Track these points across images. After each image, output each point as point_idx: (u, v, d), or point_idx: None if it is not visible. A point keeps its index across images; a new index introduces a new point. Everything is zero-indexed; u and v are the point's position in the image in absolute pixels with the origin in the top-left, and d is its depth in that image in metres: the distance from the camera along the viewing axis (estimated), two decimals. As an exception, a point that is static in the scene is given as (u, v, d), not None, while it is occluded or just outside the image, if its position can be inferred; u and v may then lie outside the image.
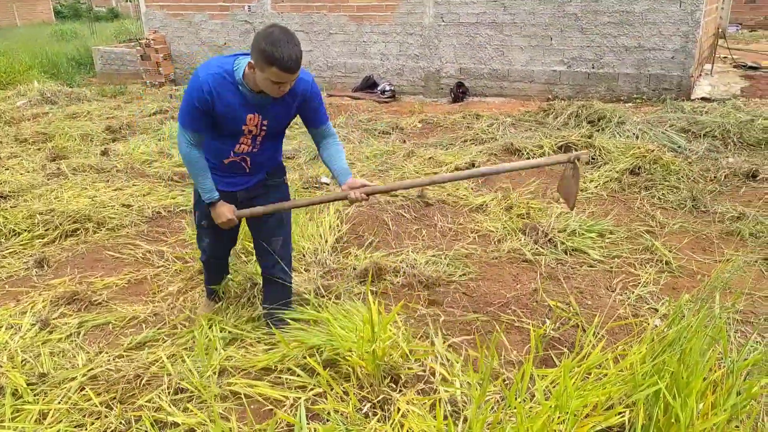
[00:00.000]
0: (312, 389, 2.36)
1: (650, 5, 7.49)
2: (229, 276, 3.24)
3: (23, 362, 2.73)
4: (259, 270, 2.96)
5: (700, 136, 5.71)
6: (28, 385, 2.54)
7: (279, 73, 2.14)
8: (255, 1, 10.32)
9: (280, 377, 2.49)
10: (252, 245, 3.07)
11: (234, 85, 2.33)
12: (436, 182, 2.88)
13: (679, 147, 5.48)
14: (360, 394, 2.32)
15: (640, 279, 3.36)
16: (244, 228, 3.06)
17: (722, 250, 3.70)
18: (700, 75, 8.74)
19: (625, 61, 7.86)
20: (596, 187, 4.85)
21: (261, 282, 3.01)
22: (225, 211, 2.59)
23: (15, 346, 2.86)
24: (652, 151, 5.13)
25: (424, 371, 2.45)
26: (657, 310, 2.98)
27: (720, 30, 10.03)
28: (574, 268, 3.54)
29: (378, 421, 2.14)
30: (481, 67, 8.81)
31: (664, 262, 3.55)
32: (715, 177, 4.84)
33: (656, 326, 2.46)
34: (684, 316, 2.06)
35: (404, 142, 6.55)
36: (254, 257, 3.21)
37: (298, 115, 2.56)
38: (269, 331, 2.84)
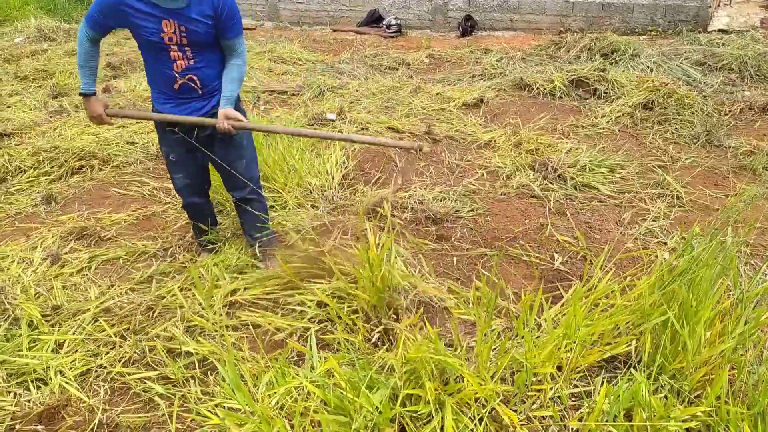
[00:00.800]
0: (321, 321, 2.39)
1: (670, -70, 7.11)
2: (217, 227, 3.21)
3: (37, 295, 2.77)
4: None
5: (716, 69, 5.54)
6: (42, 316, 2.59)
7: None
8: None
9: (290, 308, 2.52)
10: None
11: None
12: (308, 135, 2.91)
13: (694, 80, 5.33)
14: (366, 326, 2.35)
15: (650, 213, 3.33)
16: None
17: (734, 184, 3.65)
18: (719, 6, 8.40)
19: (641, -8, 7.55)
20: (608, 122, 4.75)
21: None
22: (96, 107, 2.64)
23: (28, 279, 2.89)
24: (666, 84, 5.00)
25: (430, 302, 2.47)
26: (666, 244, 2.97)
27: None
28: (584, 203, 3.51)
29: (386, 350, 2.18)
30: (491, -1, 8.49)
31: (675, 196, 3.52)
32: (730, 111, 4.72)
33: (665, 259, 2.45)
34: (694, 248, 2.05)
35: (411, 77, 6.40)
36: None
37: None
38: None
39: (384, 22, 9.08)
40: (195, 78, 2.55)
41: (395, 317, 2.38)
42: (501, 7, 8.47)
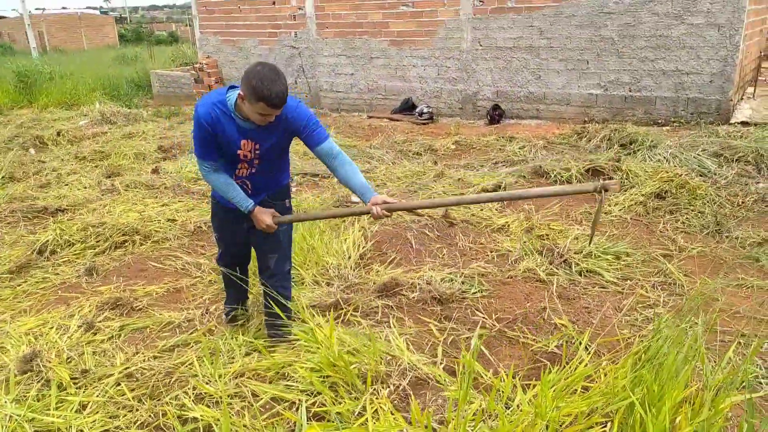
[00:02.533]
0: (315, 394, 2.55)
1: (688, 30, 7.48)
2: (244, 308, 3.46)
3: (68, 359, 3.04)
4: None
5: (732, 160, 5.67)
6: (71, 379, 2.85)
7: (266, 107, 2.40)
8: (302, 28, 10.81)
9: (290, 384, 2.69)
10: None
11: (227, 114, 2.59)
12: (460, 203, 2.94)
13: (708, 171, 5.46)
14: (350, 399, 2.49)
15: (650, 301, 3.43)
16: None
17: (737, 275, 3.71)
18: (742, 98, 8.60)
19: (662, 85, 7.85)
20: (620, 210, 4.90)
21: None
22: (263, 216, 2.81)
23: (63, 345, 3.18)
24: (680, 175, 5.15)
25: (422, 378, 2.61)
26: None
27: (764, 53, 9.83)
28: (586, 288, 3.63)
29: (365, 420, 2.32)
30: (518, 90, 8.94)
31: (677, 285, 3.60)
32: (743, 202, 4.82)
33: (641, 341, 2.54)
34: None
35: (435, 163, 6.75)
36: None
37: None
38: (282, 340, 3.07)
39: (417, 110, 9.62)
40: (248, 183, 2.85)
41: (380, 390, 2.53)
42: (528, 98, 8.89)
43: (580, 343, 2.71)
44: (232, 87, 2.66)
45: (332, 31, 10.49)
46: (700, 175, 5.38)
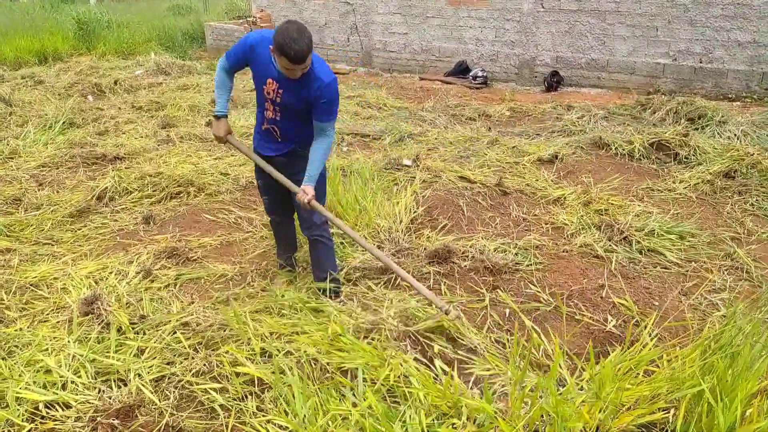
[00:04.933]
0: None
1: (771, -3, 6.96)
2: (294, 254, 3.55)
3: (128, 304, 3.13)
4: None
5: (811, 141, 5.31)
6: (130, 323, 2.93)
7: (287, 62, 2.57)
8: (356, -17, 10.57)
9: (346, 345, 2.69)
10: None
11: (268, 51, 2.75)
12: (363, 246, 3.08)
13: (783, 152, 5.13)
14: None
15: (715, 285, 3.28)
16: None
17: (813, 264, 3.51)
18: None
19: (736, 57, 7.38)
20: (685, 188, 4.68)
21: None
22: (221, 126, 3.04)
23: (122, 290, 3.27)
24: (752, 154, 4.86)
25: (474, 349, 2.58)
26: (725, 317, 2.91)
27: None
28: (647, 268, 3.50)
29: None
30: (579, 56, 8.57)
31: (744, 270, 3.43)
32: (820, 187, 4.52)
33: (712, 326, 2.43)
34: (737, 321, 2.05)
35: (489, 129, 6.57)
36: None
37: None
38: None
39: (471, 74, 9.36)
40: (277, 129, 2.96)
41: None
42: (589, 65, 8.52)
43: (643, 326, 2.62)
44: None
45: (388, -12, 10.22)
46: (775, 156, 5.06)
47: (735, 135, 5.52)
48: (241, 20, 13.41)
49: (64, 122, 6.74)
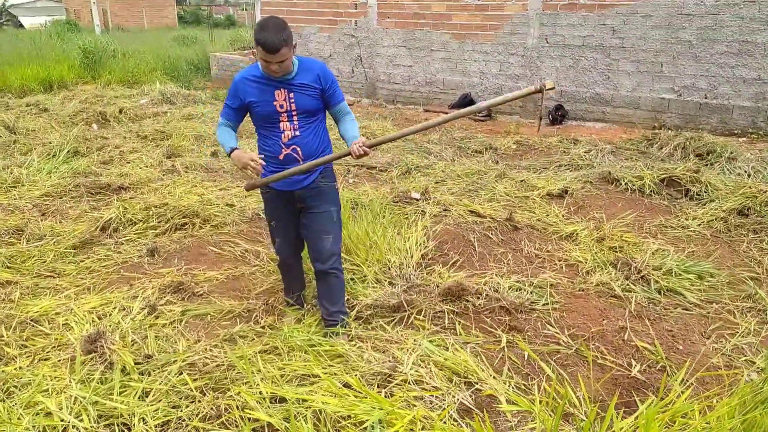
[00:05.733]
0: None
1: (775, 35, 7.01)
2: (303, 293, 3.47)
3: (132, 342, 3.02)
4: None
5: (823, 179, 5.27)
6: (135, 363, 2.81)
7: (264, 52, 2.61)
8: (362, 17, 10.68)
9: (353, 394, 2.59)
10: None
11: (257, 76, 2.82)
12: (425, 127, 3.02)
13: (796, 189, 5.08)
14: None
15: (738, 328, 3.18)
16: None
17: (837, 306, 3.41)
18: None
19: (741, 93, 7.40)
20: (699, 225, 4.61)
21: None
22: (243, 156, 2.87)
23: (126, 327, 3.16)
24: (765, 192, 4.81)
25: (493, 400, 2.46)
26: (754, 363, 2.81)
27: None
28: (667, 309, 3.40)
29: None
30: (584, 91, 8.60)
31: (767, 312, 3.34)
32: (835, 226, 4.46)
33: (750, 380, 2.33)
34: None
35: (497, 162, 6.54)
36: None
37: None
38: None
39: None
40: (298, 149, 2.89)
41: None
42: (593, 99, 8.55)
43: (674, 374, 2.51)
44: None
45: (393, 21, 10.33)
46: (788, 194, 5.01)
47: (746, 171, 5.49)
48: (246, 51, 13.53)
49: (68, 151, 6.69)
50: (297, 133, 2.86)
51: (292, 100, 2.82)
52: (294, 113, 2.84)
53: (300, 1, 11.62)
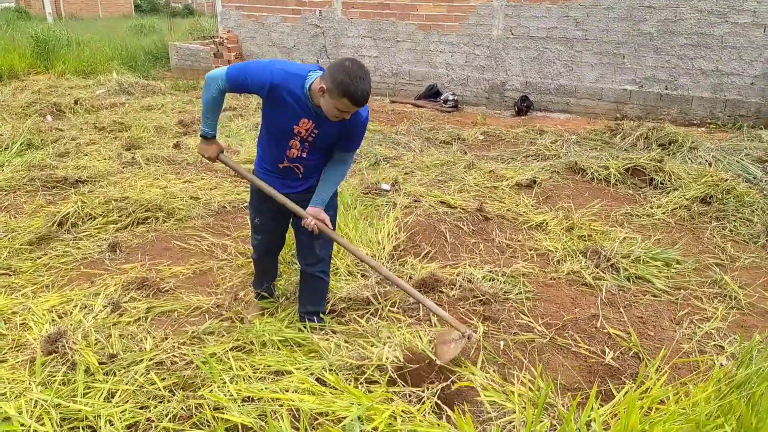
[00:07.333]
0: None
1: (731, 29, 7.21)
2: (274, 282, 3.38)
3: (96, 342, 2.88)
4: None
5: (779, 167, 5.45)
6: (99, 364, 2.69)
7: (349, 104, 2.33)
8: (326, 7, 10.53)
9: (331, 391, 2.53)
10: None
11: (300, 95, 2.49)
12: (374, 268, 2.93)
13: (754, 178, 5.24)
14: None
15: (706, 314, 3.24)
16: (291, 232, 3.11)
17: (797, 290, 3.52)
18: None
19: (700, 84, 7.60)
20: (664, 213, 4.70)
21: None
22: (211, 148, 2.77)
23: (88, 325, 3.02)
24: (726, 180, 4.94)
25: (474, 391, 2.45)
26: (724, 348, 2.87)
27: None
28: (637, 296, 3.45)
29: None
30: (548, 82, 8.69)
31: (733, 297, 3.42)
32: (792, 212, 4.61)
33: (722, 365, 2.37)
34: (753, 359, 1.99)
35: (465, 153, 6.54)
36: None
37: None
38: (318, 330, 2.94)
39: (441, 97, 9.38)
40: (300, 167, 2.73)
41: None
42: (558, 90, 8.65)
43: (651, 361, 2.53)
44: (312, 69, 2.52)
45: (358, 12, 10.21)
46: (746, 181, 5.16)
47: (707, 161, 5.62)
48: (206, 40, 13.20)
49: (21, 143, 6.38)
50: (303, 155, 2.67)
51: (314, 134, 2.59)
52: (307, 143, 2.63)
53: (263, -10, 11.38)
